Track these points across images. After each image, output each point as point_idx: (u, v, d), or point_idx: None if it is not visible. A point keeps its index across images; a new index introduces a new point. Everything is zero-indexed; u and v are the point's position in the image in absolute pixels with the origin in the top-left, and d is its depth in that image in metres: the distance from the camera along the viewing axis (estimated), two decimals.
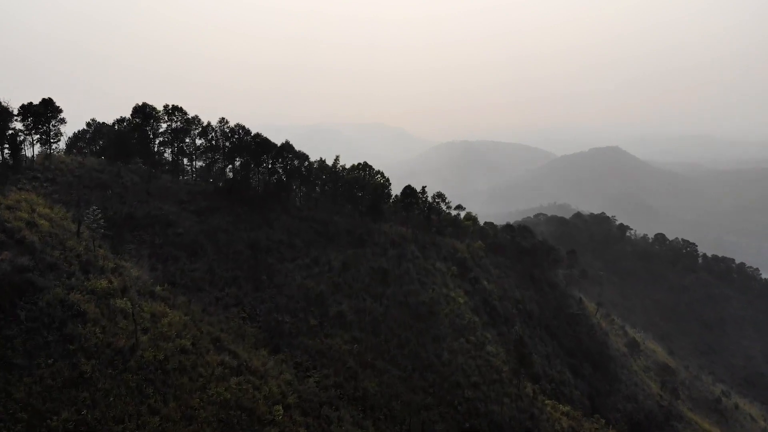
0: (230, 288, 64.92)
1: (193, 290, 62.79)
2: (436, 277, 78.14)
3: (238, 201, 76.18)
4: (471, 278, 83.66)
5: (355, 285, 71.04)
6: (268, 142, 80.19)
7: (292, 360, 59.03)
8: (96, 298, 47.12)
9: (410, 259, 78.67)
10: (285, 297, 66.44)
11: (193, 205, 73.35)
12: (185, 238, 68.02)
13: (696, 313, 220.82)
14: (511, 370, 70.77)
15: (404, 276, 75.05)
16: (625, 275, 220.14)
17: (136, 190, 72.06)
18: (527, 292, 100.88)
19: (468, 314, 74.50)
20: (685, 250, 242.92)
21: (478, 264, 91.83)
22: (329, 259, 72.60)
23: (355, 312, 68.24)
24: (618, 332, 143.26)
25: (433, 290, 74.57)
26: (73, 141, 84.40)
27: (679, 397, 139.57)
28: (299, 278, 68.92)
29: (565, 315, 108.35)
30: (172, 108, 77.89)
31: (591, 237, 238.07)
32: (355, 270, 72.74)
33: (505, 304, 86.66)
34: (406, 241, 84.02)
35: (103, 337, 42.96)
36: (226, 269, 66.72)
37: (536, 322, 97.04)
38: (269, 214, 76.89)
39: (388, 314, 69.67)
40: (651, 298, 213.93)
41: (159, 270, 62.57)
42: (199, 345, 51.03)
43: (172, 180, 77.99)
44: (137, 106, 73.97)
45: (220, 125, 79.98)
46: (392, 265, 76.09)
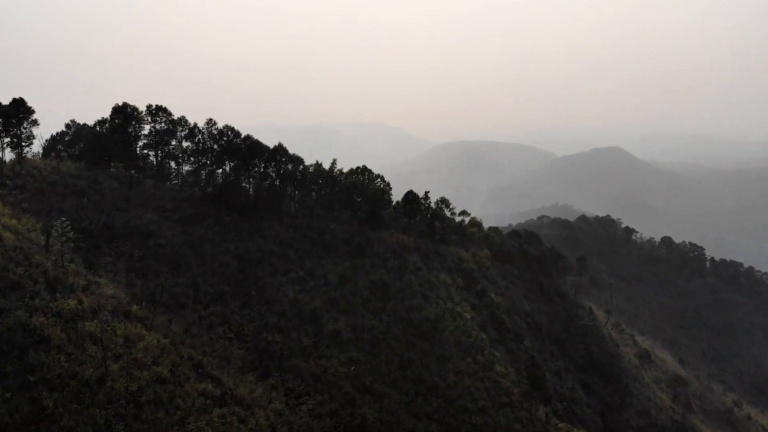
0: (216, 305, 59.65)
1: (174, 308, 57.52)
2: (440, 290, 72.87)
3: (227, 208, 70.84)
4: (478, 291, 78.41)
5: (353, 300, 65.81)
6: (259, 144, 74.87)
7: (283, 386, 53.90)
8: (62, 321, 42.22)
9: (412, 270, 73.43)
10: (276, 314, 61.17)
11: (178, 213, 68.02)
12: (167, 250, 62.76)
13: (704, 318, 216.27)
14: (522, 392, 65.46)
15: (406, 289, 69.82)
16: (631, 280, 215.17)
17: (115, 197, 66.73)
18: (536, 304, 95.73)
19: (475, 331, 69.24)
20: (692, 253, 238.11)
21: (484, 275, 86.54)
22: (325, 272, 67.35)
23: (352, 330, 63.03)
24: (628, 342, 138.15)
25: (438, 305, 69.34)
26: (51, 144, 79.03)
27: (692, 409, 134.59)
28: (292, 293, 63.63)
29: (576, 327, 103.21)
30: (155, 108, 72.57)
31: (596, 240, 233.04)
32: (353, 283, 67.51)
33: (514, 318, 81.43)
34: (407, 251, 78.76)
35: (69, 366, 38.21)
36: (212, 284, 61.46)
37: (546, 335, 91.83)
38: (260, 223, 71.55)
39: (389, 332, 64.43)
40: (658, 304, 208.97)
41: (137, 286, 57.29)
42: (179, 372, 45.89)
43: (155, 186, 72.65)
44: (117, 107, 68.65)
45: (207, 127, 74.57)
46: (393, 277, 70.86)
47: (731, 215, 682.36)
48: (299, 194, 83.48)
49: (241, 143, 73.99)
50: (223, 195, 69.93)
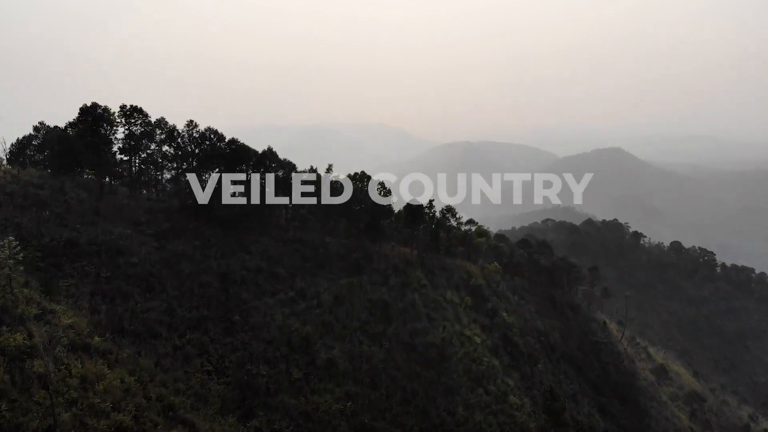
0: (194, 332, 52.67)
1: (145, 337, 50.46)
2: (447, 310, 65.96)
3: (209, 221, 63.82)
4: (488, 310, 71.58)
5: (350, 324, 58.88)
6: (246, 148, 67.99)
7: (269, 427, 47.08)
8: (6, 359, 35.47)
9: (416, 288, 66.55)
10: (262, 342, 54.22)
11: (153, 226, 61.06)
12: (140, 269, 55.79)
13: (715, 326, 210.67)
14: (539, 426, 58.52)
15: (409, 310, 62.91)
16: (640, 287, 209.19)
17: (82, 209, 59.76)
18: (549, 320, 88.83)
19: (486, 357, 62.36)
20: (702, 259, 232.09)
21: (495, 291, 79.67)
22: (318, 291, 60.39)
23: (348, 358, 56.15)
24: (642, 356, 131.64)
25: (445, 328, 62.41)
26: (18, 149, 72.01)
27: (710, 426, 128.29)
28: (281, 317, 56.71)
29: (590, 343, 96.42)
30: (130, 109, 65.64)
31: (603, 245, 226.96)
32: (350, 304, 60.58)
33: (527, 338, 74.49)
34: (410, 266, 71.86)
35: (11, 416, 31.80)
36: (190, 308, 54.51)
37: (560, 355, 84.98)
38: (246, 237, 64.57)
39: (390, 360, 57.56)
40: (668, 311, 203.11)
41: (102, 312, 50.28)
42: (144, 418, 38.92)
43: (129, 195, 65.69)
44: (85, 107, 61.66)
45: (187, 129, 67.63)
46: (395, 296, 63.95)
47: (735, 217, 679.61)
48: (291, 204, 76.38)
49: (226, 147, 67.11)
50: (204, 206, 62.88)
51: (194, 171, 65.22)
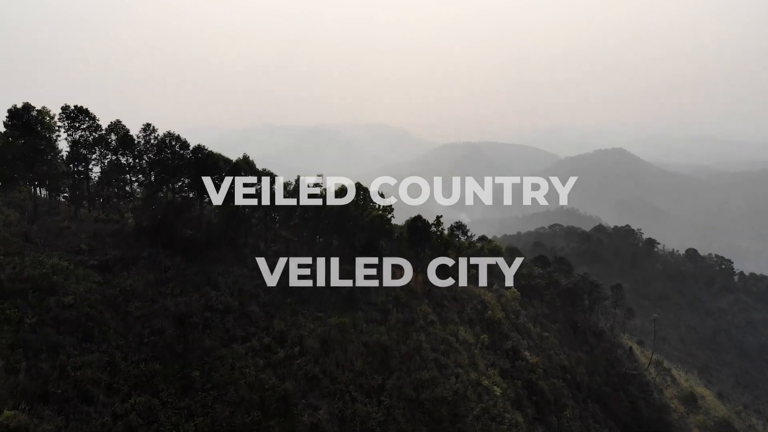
0: (141, 394, 41.74)
1: (76, 403, 39.56)
2: (460, 354, 54.91)
3: (169, 246, 52.54)
4: (508, 350, 60.67)
5: (340, 376, 47.85)
6: (214, 157, 56.82)
7: None
8: None
9: (422, 327, 55.54)
10: (228, 405, 43.17)
11: (97, 255, 49.99)
12: (76, 312, 44.95)
13: (736, 340, 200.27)
14: None
15: (414, 356, 51.85)
16: (656, 298, 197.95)
17: (9, 234, 48.49)
18: (573, 352, 77.63)
19: (508, 412, 51.36)
20: (719, 267, 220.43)
21: (515, 325, 68.61)
22: (301, 335, 49.35)
23: (339, 421, 45.24)
24: (667, 381, 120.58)
25: (458, 377, 51.39)
26: None
27: None
28: (253, 370, 45.64)
29: (617, 375, 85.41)
30: (74, 110, 54.58)
31: (616, 253, 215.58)
32: (341, 350, 49.51)
33: (553, 381, 63.26)
34: (415, 297, 60.71)
35: None
36: (137, 361, 43.55)
37: (586, 393, 73.85)
38: (214, 267, 53.39)
39: (391, 422, 46.59)
40: (686, 325, 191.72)
41: (21, 372, 39.30)
42: None
43: (72, 216, 54.48)
44: (14, 110, 50.49)
45: (144, 134, 56.39)
46: (396, 338, 52.94)
47: (739, 218, 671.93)
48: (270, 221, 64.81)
49: (191, 156, 56.00)
50: (163, 228, 51.64)
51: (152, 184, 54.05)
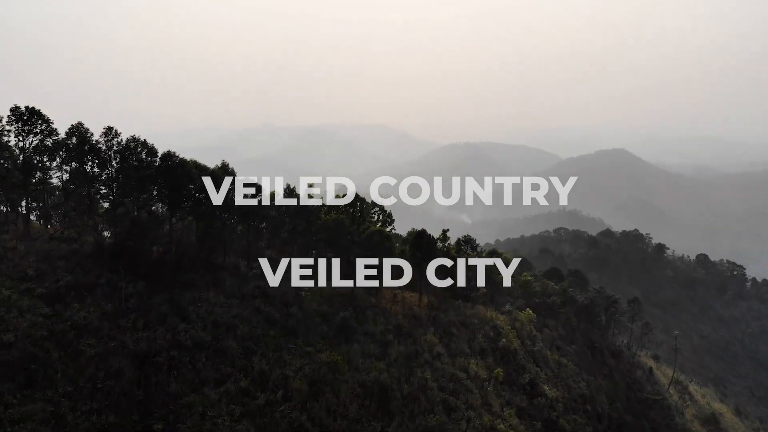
0: None
1: None
2: (471, 392, 47.67)
3: (132, 269, 45.27)
4: (525, 384, 53.28)
5: (332, 425, 40.58)
6: (185, 165, 49.58)
7: None
8: None
9: (428, 361, 48.36)
10: None
11: (47, 282, 42.90)
12: (16, 353, 38.07)
13: (749, 350, 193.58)
14: None
15: (418, 397, 44.58)
16: (667, 306, 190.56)
17: None
18: (592, 378, 70.25)
19: None
20: (731, 273, 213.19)
21: (531, 353, 61.24)
22: (286, 376, 42.14)
23: None
24: (686, 400, 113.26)
25: (469, 422, 44.11)
26: None
27: None
28: (228, 421, 38.48)
29: (638, 401, 78.10)
30: (26, 112, 47.55)
31: (625, 259, 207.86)
32: (333, 393, 42.15)
33: (573, 416, 55.87)
34: (418, 325, 53.46)
35: None
36: (88, 412, 36.71)
37: (606, 423, 66.49)
38: (185, 293, 46.18)
39: None
40: (699, 335, 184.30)
41: None
42: None
43: (21, 235, 47.37)
44: None
45: (105, 139, 49.26)
46: (398, 376, 45.68)
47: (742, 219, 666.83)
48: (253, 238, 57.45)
49: (161, 165, 48.88)
50: (125, 248, 44.46)
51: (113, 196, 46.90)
